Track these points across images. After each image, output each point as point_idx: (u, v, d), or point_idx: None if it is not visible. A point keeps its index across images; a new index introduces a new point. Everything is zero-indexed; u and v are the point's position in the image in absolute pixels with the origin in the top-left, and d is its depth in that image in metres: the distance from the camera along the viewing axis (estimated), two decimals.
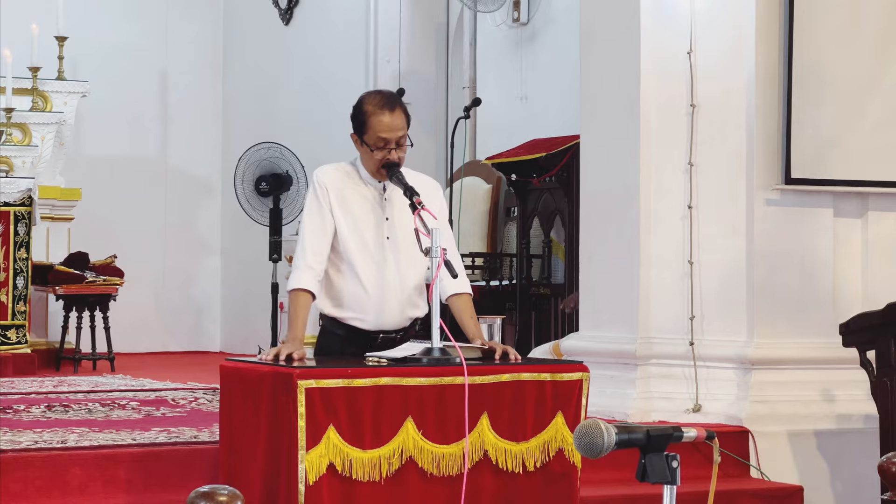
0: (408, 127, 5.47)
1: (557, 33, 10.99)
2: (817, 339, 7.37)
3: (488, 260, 10.58)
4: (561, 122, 10.25)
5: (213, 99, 13.64)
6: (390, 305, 5.50)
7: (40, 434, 6.35)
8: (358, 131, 5.47)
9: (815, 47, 7.34)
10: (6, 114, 10.75)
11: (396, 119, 5.42)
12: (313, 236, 5.46)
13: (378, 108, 5.43)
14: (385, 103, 5.45)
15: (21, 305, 10.00)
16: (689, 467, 4.18)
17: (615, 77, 7.63)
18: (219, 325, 13.60)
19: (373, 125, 5.41)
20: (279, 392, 5.03)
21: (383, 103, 5.45)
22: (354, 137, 5.50)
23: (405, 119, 5.46)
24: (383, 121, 5.41)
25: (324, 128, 12.21)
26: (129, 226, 12.97)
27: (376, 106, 5.44)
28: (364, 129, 5.44)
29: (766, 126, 7.34)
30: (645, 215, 7.48)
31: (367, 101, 5.49)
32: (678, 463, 3.30)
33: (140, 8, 13.24)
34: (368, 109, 5.44)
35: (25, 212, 10.03)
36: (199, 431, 6.50)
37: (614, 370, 7.48)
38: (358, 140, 5.49)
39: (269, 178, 10.88)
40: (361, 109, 5.47)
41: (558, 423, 5.34)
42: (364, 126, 5.44)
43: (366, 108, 5.45)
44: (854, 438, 7.24)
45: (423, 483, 5.13)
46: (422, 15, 12.13)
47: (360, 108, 5.47)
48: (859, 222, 7.58)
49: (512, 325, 10.08)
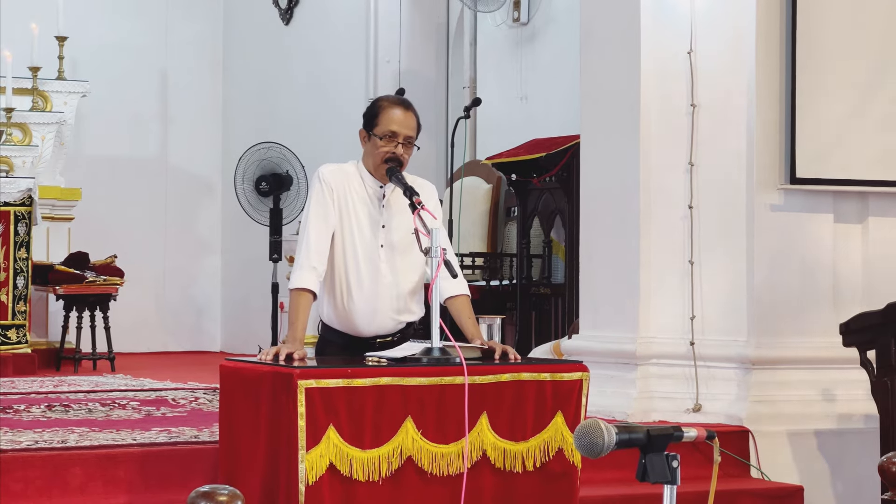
0: (417, 134, 5.54)
1: (557, 33, 10.98)
2: (817, 338, 7.37)
3: (488, 260, 10.58)
4: (561, 122, 10.24)
5: (213, 99, 13.64)
6: (383, 315, 5.53)
7: (40, 434, 6.35)
8: (368, 125, 5.55)
9: (818, 46, 7.34)
10: (6, 114, 10.75)
11: (409, 118, 5.55)
12: (318, 236, 5.47)
13: (393, 104, 5.58)
14: (400, 102, 5.62)
15: (21, 305, 10.00)
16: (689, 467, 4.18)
17: (615, 77, 7.63)
18: (219, 324, 13.61)
19: (385, 117, 5.52)
20: (279, 392, 5.03)
21: (399, 101, 5.63)
22: (363, 133, 5.58)
23: (417, 122, 5.58)
24: (396, 113, 5.52)
25: (324, 127, 12.22)
26: (129, 226, 12.97)
27: (392, 102, 5.60)
28: (375, 122, 5.53)
29: (766, 126, 7.34)
30: (645, 215, 7.48)
31: (382, 98, 5.68)
32: (678, 463, 3.30)
33: (140, 8, 13.24)
34: (383, 104, 5.58)
35: (26, 212, 10.03)
36: (199, 431, 6.50)
37: (614, 370, 7.48)
38: (366, 135, 5.55)
39: (269, 178, 10.88)
40: (376, 104, 5.61)
41: (558, 423, 5.34)
42: (376, 118, 5.53)
43: (381, 103, 5.60)
44: (854, 438, 7.24)
45: (422, 483, 5.14)
46: (422, 15, 12.13)
47: (375, 103, 5.62)
48: (860, 222, 7.58)
49: (512, 324, 10.07)
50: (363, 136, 5.58)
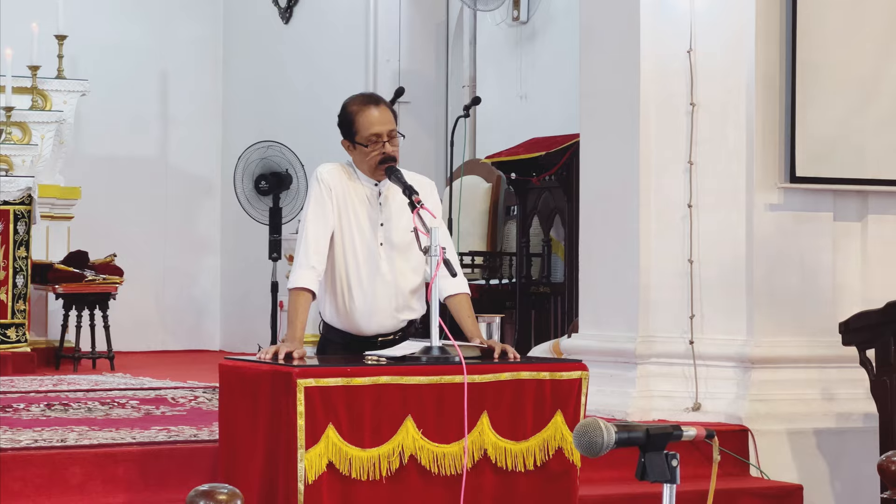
0: (395, 122, 5.49)
1: (557, 32, 10.98)
2: (817, 337, 7.37)
3: (488, 259, 10.58)
4: (561, 121, 10.24)
5: (213, 98, 13.64)
6: (383, 313, 5.52)
7: (40, 433, 6.35)
8: (348, 135, 5.48)
9: (818, 45, 7.34)
10: (6, 112, 10.75)
11: (384, 112, 5.46)
12: (316, 235, 5.46)
13: (363, 105, 5.47)
14: (368, 100, 5.50)
15: (21, 304, 10.00)
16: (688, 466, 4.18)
17: (615, 76, 7.63)
18: (218, 323, 13.60)
19: (362, 122, 5.44)
20: (279, 391, 5.03)
21: (367, 100, 5.50)
22: (346, 143, 5.51)
23: (391, 113, 5.50)
24: (372, 114, 5.44)
25: (323, 127, 12.14)
26: (129, 225, 12.97)
27: (361, 104, 5.48)
28: (354, 130, 5.45)
29: (766, 125, 7.34)
30: (645, 214, 7.47)
31: (350, 103, 5.53)
32: (678, 462, 3.30)
33: (140, 7, 13.23)
34: (354, 109, 5.48)
35: (25, 210, 10.03)
36: (198, 430, 6.50)
37: (614, 369, 7.47)
38: (350, 144, 5.49)
39: (268, 177, 10.88)
40: (347, 111, 5.50)
41: (557, 422, 5.34)
42: (353, 126, 5.46)
43: (351, 110, 5.49)
44: (854, 437, 7.24)
45: (422, 482, 5.14)
46: (422, 14, 12.13)
47: (346, 111, 5.51)
48: (859, 221, 7.59)
49: (511, 323, 10.07)
50: (347, 146, 5.51)
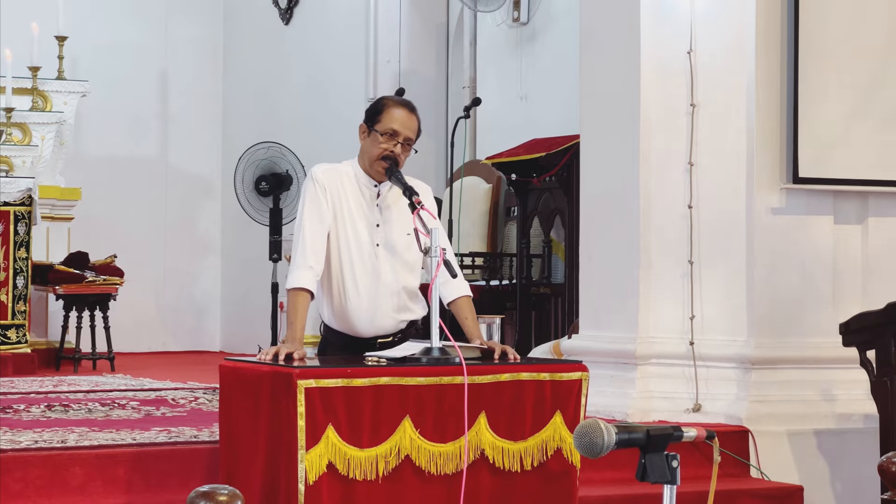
0: (417, 137, 5.55)
1: (557, 33, 10.98)
2: (817, 338, 7.37)
3: (488, 259, 10.58)
4: (561, 122, 10.24)
5: (213, 99, 13.64)
6: (380, 314, 5.52)
7: (40, 434, 6.35)
8: (370, 120, 5.55)
9: (819, 46, 7.34)
10: (6, 113, 10.75)
11: (412, 120, 5.55)
12: (313, 235, 5.47)
13: (398, 104, 5.58)
14: (404, 103, 5.61)
15: (21, 305, 10.00)
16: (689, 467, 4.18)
17: (615, 77, 7.63)
18: (219, 324, 13.60)
19: (388, 115, 5.52)
20: (279, 392, 5.03)
21: (404, 102, 5.62)
22: (363, 127, 5.57)
23: (418, 126, 5.58)
24: (400, 113, 5.53)
25: (324, 127, 12.22)
26: (129, 225, 12.97)
27: (396, 102, 5.60)
28: (378, 118, 5.52)
29: (766, 126, 7.34)
30: (645, 215, 7.47)
31: (387, 97, 5.70)
32: (678, 462, 3.30)
33: (140, 7, 13.24)
34: (388, 102, 5.59)
35: (25, 211, 10.03)
36: (198, 431, 6.50)
37: (614, 370, 7.47)
38: (366, 129, 5.54)
39: (268, 178, 10.89)
40: (381, 101, 5.62)
41: (557, 423, 5.34)
42: (379, 115, 5.53)
43: (385, 101, 5.61)
44: (854, 438, 7.24)
45: (421, 482, 5.14)
46: (422, 15, 12.13)
47: (380, 101, 5.63)
48: (860, 222, 7.58)
49: (512, 324, 10.07)
50: (363, 130, 5.57)
